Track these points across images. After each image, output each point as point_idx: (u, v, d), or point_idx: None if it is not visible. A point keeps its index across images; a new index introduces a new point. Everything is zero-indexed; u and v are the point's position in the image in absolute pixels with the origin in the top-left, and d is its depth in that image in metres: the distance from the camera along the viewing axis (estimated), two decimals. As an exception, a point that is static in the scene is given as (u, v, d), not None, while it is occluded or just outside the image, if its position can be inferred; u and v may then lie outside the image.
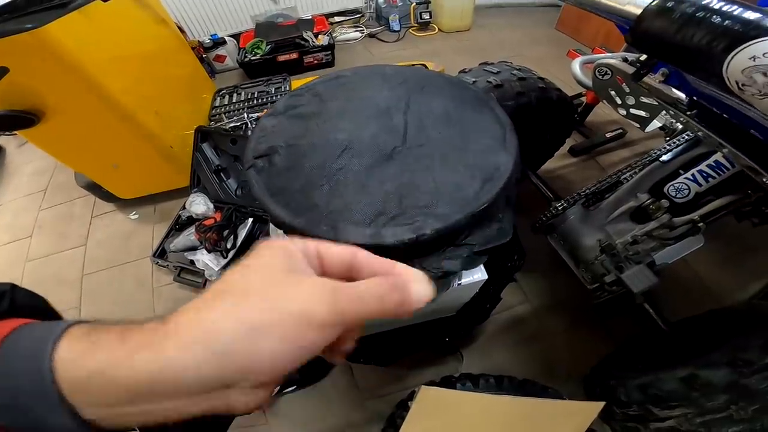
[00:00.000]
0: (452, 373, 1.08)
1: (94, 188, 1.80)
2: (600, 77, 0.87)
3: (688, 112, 0.73)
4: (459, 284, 0.81)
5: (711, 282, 1.38)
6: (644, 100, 0.82)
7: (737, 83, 0.45)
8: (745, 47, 0.42)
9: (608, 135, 1.91)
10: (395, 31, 3.02)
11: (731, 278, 1.37)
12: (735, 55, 0.43)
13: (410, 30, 3.05)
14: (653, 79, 0.78)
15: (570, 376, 1.20)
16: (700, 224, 0.96)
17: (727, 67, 0.44)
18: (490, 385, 0.96)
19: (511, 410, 0.81)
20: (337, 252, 0.29)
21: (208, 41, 2.64)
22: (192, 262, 1.51)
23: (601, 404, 0.78)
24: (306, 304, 0.24)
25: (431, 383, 1.01)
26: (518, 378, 0.98)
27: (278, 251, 0.27)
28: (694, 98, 0.73)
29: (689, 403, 0.69)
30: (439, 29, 3.03)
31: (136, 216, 1.87)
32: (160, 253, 1.59)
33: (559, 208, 1.13)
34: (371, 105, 0.48)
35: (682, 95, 0.75)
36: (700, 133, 0.74)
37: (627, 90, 0.84)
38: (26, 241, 1.86)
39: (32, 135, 1.35)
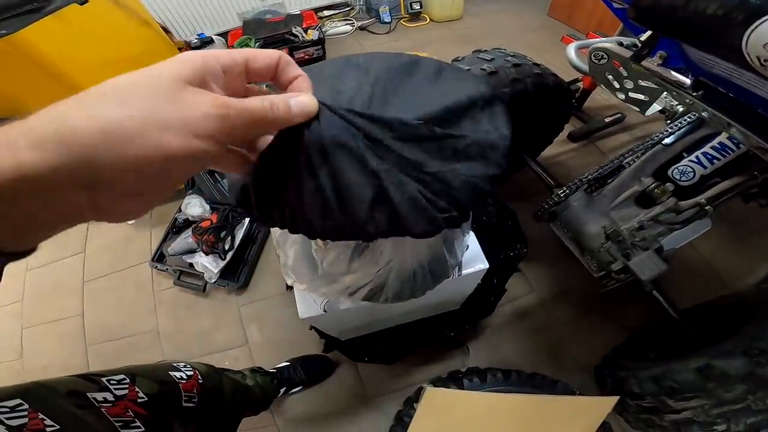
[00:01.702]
0: (459, 367, 1.06)
1: (88, 195, 1.77)
2: (596, 62, 0.85)
3: (694, 93, 0.70)
4: (460, 274, 0.79)
5: (719, 266, 1.36)
6: (643, 83, 0.80)
7: (759, 59, 0.42)
8: (766, 19, 0.39)
9: (607, 120, 1.88)
10: (386, 23, 2.97)
11: (739, 262, 1.35)
12: (756, 28, 0.40)
13: (401, 21, 3.00)
14: (651, 63, 0.76)
15: (580, 367, 1.18)
16: (707, 207, 0.94)
17: (747, 41, 0.41)
18: (498, 380, 0.94)
19: (521, 408, 0.79)
20: (263, 56, 0.29)
21: (196, 40, 2.58)
22: (191, 265, 1.49)
23: (614, 399, 0.76)
24: (186, 114, 0.23)
25: (438, 379, 0.99)
26: (526, 372, 0.96)
27: (188, 61, 0.25)
28: (699, 78, 0.71)
29: (706, 394, 0.68)
30: (430, 19, 2.98)
31: (133, 221, 1.85)
32: (159, 258, 1.57)
33: (561, 195, 1.11)
34: (338, 84, 0.45)
35: (682, 78, 0.72)
36: (704, 114, 0.71)
37: (624, 74, 0.81)
38: (24, 250, 1.83)
39: (20, 143, 1.33)
